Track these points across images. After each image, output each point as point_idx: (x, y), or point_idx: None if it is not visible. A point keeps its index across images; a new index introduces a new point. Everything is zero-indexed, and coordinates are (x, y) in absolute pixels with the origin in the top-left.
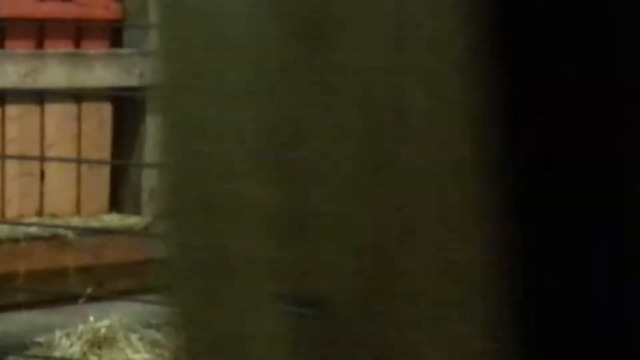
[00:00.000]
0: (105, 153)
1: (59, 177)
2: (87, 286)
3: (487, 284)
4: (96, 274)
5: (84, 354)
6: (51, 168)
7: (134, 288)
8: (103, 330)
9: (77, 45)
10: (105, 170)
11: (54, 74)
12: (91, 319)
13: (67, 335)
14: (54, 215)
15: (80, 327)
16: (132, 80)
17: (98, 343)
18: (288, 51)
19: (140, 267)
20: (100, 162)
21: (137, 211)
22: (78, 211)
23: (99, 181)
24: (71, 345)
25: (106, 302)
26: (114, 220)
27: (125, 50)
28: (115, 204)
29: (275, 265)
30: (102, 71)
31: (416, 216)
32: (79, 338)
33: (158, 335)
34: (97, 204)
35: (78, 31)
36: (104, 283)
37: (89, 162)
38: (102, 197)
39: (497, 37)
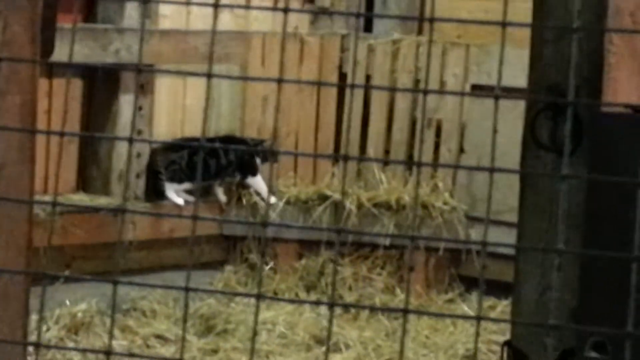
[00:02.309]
0: (74, 130)
1: None
2: (55, 266)
3: None
4: (65, 254)
5: (61, 339)
6: None
7: (102, 270)
8: (80, 315)
9: None
10: (74, 149)
11: None
12: (67, 302)
13: (43, 319)
14: None
15: (57, 311)
16: (107, 57)
17: (75, 328)
18: None
19: (109, 248)
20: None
21: (106, 192)
22: (45, 189)
23: (67, 159)
24: (48, 329)
25: (76, 284)
26: (82, 200)
27: (101, 25)
28: (83, 183)
29: None
30: (77, 46)
31: None
32: (56, 322)
33: (129, 321)
34: (64, 182)
35: None
36: (71, 264)
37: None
38: (70, 176)
39: None
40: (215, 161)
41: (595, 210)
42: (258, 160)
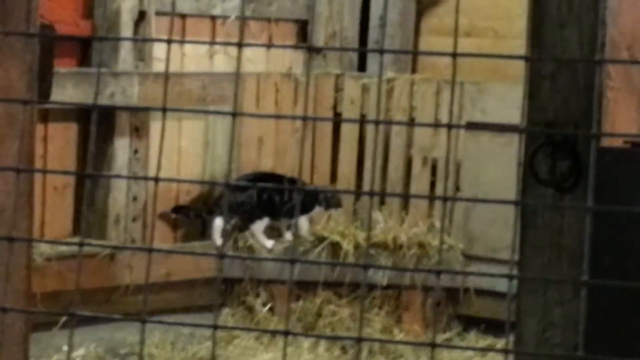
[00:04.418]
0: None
1: None
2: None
3: None
4: (62, 300)
5: None
6: None
7: (100, 314)
8: None
9: None
10: (69, 193)
11: None
12: (64, 348)
13: None
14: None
15: (55, 357)
16: (102, 100)
17: None
18: None
19: (106, 293)
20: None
21: (101, 236)
22: (42, 234)
23: (64, 204)
24: None
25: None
26: None
27: (95, 69)
28: (80, 227)
29: None
30: (72, 90)
31: None
32: None
33: None
34: (61, 227)
35: None
36: (68, 309)
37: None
38: (67, 220)
39: None
40: (280, 199)
41: (598, 245)
42: (317, 207)
